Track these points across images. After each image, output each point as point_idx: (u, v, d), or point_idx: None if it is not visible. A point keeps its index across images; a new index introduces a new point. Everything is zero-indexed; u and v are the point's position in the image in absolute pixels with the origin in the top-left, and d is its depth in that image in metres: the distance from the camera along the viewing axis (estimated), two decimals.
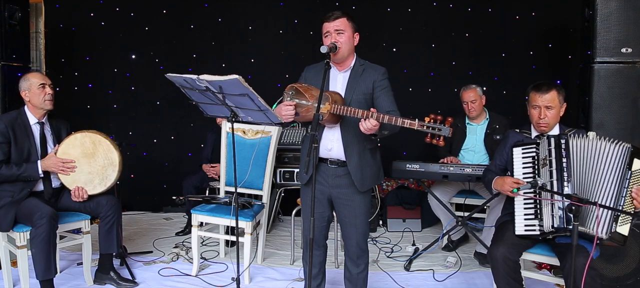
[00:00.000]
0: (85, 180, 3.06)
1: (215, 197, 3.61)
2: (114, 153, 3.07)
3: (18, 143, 2.97)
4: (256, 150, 3.55)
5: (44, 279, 2.84)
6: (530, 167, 2.55)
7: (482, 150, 3.91)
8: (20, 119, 3.03)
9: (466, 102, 3.90)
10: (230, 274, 3.39)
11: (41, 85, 3.02)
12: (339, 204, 2.56)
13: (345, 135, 2.46)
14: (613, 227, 2.30)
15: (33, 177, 2.99)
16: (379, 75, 2.48)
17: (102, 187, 3.08)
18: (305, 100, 2.42)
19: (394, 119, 2.17)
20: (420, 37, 4.95)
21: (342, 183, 2.51)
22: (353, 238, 2.57)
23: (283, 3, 5.06)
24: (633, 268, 3.04)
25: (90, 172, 3.06)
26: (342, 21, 2.43)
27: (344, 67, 2.51)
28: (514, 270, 2.45)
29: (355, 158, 2.46)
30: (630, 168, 2.33)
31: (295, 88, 2.47)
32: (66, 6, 5.00)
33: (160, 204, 5.16)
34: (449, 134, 2.10)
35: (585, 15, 3.29)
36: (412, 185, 4.74)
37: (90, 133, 3.07)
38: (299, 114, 2.43)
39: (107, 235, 3.10)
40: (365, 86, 2.46)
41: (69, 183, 3.06)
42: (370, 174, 2.52)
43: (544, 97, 2.60)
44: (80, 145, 3.04)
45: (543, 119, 2.61)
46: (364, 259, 2.65)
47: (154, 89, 5.09)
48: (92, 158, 3.05)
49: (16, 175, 2.93)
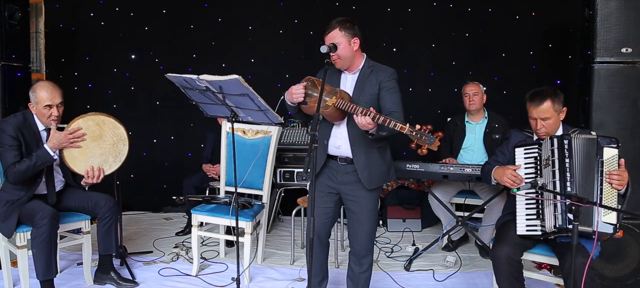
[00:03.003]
0: (99, 162, 3.02)
1: (215, 197, 3.61)
2: (120, 129, 3.07)
3: (27, 146, 2.91)
4: (256, 150, 3.56)
5: (44, 279, 2.84)
6: (532, 167, 2.55)
7: (481, 149, 3.92)
8: (28, 122, 2.96)
9: (467, 94, 3.91)
10: (230, 274, 3.39)
11: (47, 107, 2.91)
12: (347, 200, 2.61)
13: (352, 133, 2.50)
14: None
15: (48, 161, 2.89)
16: (386, 75, 2.51)
17: (118, 163, 3.08)
18: (316, 92, 2.47)
19: (387, 120, 2.20)
20: (420, 37, 4.95)
21: (350, 180, 2.56)
22: (359, 235, 2.60)
23: (283, 3, 5.06)
24: (633, 268, 3.05)
25: (102, 153, 3.03)
26: (334, 33, 2.46)
27: (353, 69, 2.56)
28: (516, 270, 2.45)
29: (362, 156, 2.50)
30: (602, 157, 2.40)
31: (312, 80, 2.53)
32: (66, 6, 4.99)
33: (160, 204, 5.15)
34: (433, 144, 2.12)
35: (585, 15, 3.29)
36: (412, 185, 4.74)
37: (91, 116, 3.01)
38: (306, 102, 2.49)
39: (105, 236, 3.09)
40: (372, 87, 2.50)
41: (82, 170, 3.00)
42: (378, 172, 2.55)
43: (538, 109, 2.57)
44: (86, 130, 2.99)
45: (540, 130, 2.60)
46: (368, 259, 2.67)
47: (154, 89, 5.09)
48: (101, 139, 3.02)
49: (32, 166, 2.84)
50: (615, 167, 2.40)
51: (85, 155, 2.99)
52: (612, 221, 2.34)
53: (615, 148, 2.42)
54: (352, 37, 2.48)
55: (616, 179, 2.36)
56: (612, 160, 2.40)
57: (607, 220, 2.33)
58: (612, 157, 2.41)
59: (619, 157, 2.41)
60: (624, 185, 2.38)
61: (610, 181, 2.37)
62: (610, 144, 2.43)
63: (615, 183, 2.36)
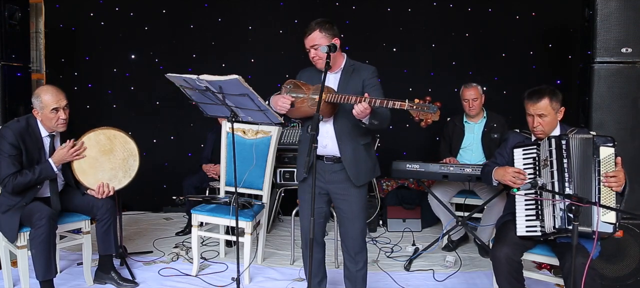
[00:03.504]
0: (109, 176, 3.03)
1: (215, 197, 3.61)
2: (131, 144, 3.08)
3: (29, 154, 2.89)
4: (256, 150, 3.56)
5: (44, 279, 2.84)
6: (531, 168, 2.55)
7: (479, 149, 3.92)
8: (31, 129, 2.93)
9: (467, 100, 3.91)
10: (230, 274, 3.39)
11: (54, 110, 2.88)
12: (336, 199, 2.64)
13: (339, 131, 2.55)
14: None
15: (50, 176, 2.89)
16: (368, 74, 2.58)
17: (127, 179, 3.10)
18: (302, 93, 2.53)
19: (385, 101, 2.26)
20: (420, 37, 4.95)
21: (338, 179, 2.59)
22: (351, 233, 2.63)
23: (283, 3, 5.06)
24: (633, 268, 3.05)
25: (112, 168, 3.04)
26: (314, 35, 2.51)
27: (335, 69, 2.61)
28: (516, 270, 2.45)
29: (349, 153, 2.55)
30: (598, 156, 2.41)
31: (293, 82, 2.58)
32: (66, 6, 4.99)
33: (160, 204, 5.15)
34: (436, 113, 2.23)
35: (585, 15, 3.29)
36: (412, 185, 4.74)
37: (103, 130, 3.02)
38: (294, 105, 2.53)
39: (104, 236, 3.09)
40: (355, 84, 2.54)
41: (92, 183, 3.01)
42: (365, 169, 2.61)
43: (536, 106, 2.58)
44: (96, 144, 3.00)
45: (537, 127, 2.60)
46: (363, 256, 2.70)
47: (153, 89, 5.08)
48: (111, 154, 3.02)
49: (34, 180, 2.83)
50: (612, 165, 2.40)
51: (95, 169, 3.00)
52: (612, 220, 2.34)
53: (611, 147, 2.42)
54: (332, 37, 2.52)
55: (613, 181, 2.37)
56: (609, 159, 2.41)
57: (606, 219, 2.34)
58: (608, 156, 2.41)
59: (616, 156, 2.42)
60: (621, 185, 2.39)
61: (608, 185, 2.37)
62: (607, 143, 2.43)
63: (614, 185, 2.37)
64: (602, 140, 2.45)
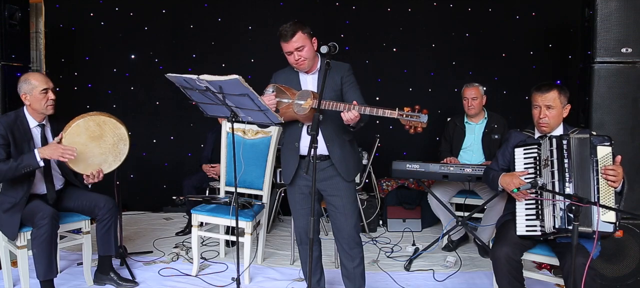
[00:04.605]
0: (99, 161, 3.03)
1: (215, 197, 3.61)
2: (121, 129, 3.06)
3: (17, 146, 2.90)
4: (256, 150, 3.56)
5: (44, 279, 2.84)
6: (532, 168, 2.55)
7: (479, 150, 3.92)
8: (20, 121, 2.95)
9: (467, 99, 3.91)
10: (230, 274, 3.39)
11: (44, 91, 2.93)
12: (327, 196, 2.68)
13: (326, 131, 2.58)
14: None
15: (32, 166, 2.82)
16: (345, 71, 2.61)
17: (117, 163, 3.09)
18: (286, 98, 2.56)
19: (374, 109, 2.30)
20: (420, 37, 4.95)
21: (328, 176, 2.63)
22: (345, 228, 2.65)
23: (283, 3, 5.06)
24: (633, 268, 3.05)
25: (102, 152, 3.03)
26: (298, 37, 2.51)
27: (312, 70, 2.64)
28: (516, 270, 2.45)
29: (337, 151, 2.59)
30: (596, 156, 2.42)
31: (276, 86, 2.61)
32: (66, 6, 4.99)
33: (160, 204, 5.15)
34: (425, 121, 2.24)
35: (585, 15, 3.29)
36: (412, 185, 4.74)
37: (92, 116, 3.00)
38: (278, 110, 2.54)
39: (104, 237, 3.09)
40: (333, 82, 2.57)
41: (83, 169, 3.00)
42: (353, 164, 2.67)
43: (544, 97, 2.60)
44: (86, 130, 2.98)
45: (543, 119, 2.60)
46: (358, 252, 2.71)
47: (153, 89, 5.09)
48: (101, 139, 3.01)
49: (15, 167, 2.79)
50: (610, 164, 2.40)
51: (85, 155, 2.99)
52: (612, 220, 2.34)
53: (608, 146, 2.43)
54: (311, 37, 2.55)
55: (611, 174, 2.37)
56: (606, 158, 2.42)
57: (606, 219, 2.34)
58: (606, 155, 2.42)
59: (614, 155, 2.42)
60: (619, 180, 2.38)
61: (606, 177, 2.38)
62: (604, 143, 2.44)
63: (611, 178, 2.37)
64: (599, 140, 2.45)
